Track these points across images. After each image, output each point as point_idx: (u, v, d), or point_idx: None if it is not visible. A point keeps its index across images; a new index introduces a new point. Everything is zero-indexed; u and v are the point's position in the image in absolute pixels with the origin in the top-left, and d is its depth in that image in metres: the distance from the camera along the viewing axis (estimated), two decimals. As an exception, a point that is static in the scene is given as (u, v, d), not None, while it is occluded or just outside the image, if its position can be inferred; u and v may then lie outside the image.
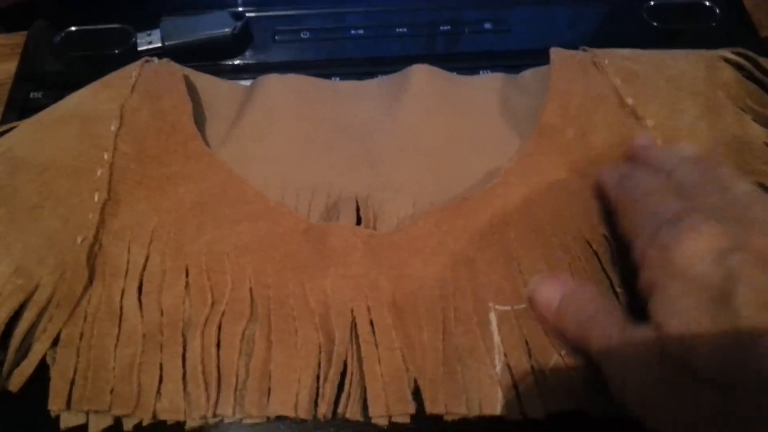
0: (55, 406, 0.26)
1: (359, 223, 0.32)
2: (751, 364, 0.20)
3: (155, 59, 0.36)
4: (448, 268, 0.30)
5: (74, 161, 0.32)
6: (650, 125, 0.34)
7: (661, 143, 0.33)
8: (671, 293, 0.23)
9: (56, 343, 0.28)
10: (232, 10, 0.42)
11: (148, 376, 0.27)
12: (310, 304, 0.28)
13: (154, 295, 0.29)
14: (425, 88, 0.37)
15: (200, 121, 0.35)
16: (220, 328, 0.28)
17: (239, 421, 0.26)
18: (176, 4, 0.43)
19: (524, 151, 0.33)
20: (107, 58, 0.40)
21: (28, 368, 0.27)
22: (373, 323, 0.28)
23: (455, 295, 0.29)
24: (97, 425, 0.26)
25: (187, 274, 0.29)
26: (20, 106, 0.38)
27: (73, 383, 0.26)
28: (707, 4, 0.44)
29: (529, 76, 0.38)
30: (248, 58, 0.41)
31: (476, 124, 0.36)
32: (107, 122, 0.33)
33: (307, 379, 0.27)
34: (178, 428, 0.26)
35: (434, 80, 0.37)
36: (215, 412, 0.26)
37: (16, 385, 0.27)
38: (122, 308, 0.28)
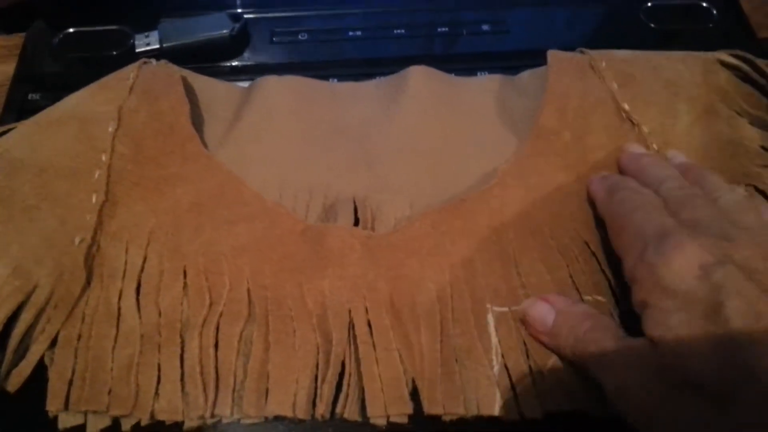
0: (53, 406, 0.26)
1: (357, 224, 0.32)
2: (746, 372, 0.20)
3: (153, 61, 0.36)
4: (445, 269, 0.30)
5: (72, 162, 0.32)
6: (646, 131, 0.34)
7: (656, 148, 0.33)
8: (663, 309, 0.23)
9: (54, 344, 0.28)
10: (230, 11, 0.42)
11: (146, 376, 0.27)
12: (307, 305, 0.28)
13: (151, 296, 0.29)
14: (423, 89, 0.37)
15: (198, 122, 0.35)
16: (217, 328, 0.28)
17: (237, 421, 0.26)
18: (174, 5, 0.43)
19: (521, 152, 0.33)
20: (105, 59, 0.41)
21: (26, 369, 0.27)
22: (370, 324, 0.28)
23: (453, 296, 0.29)
24: (95, 426, 0.26)
25: (184, 275, 0.29)
26: (18, 107, 0.38)
27: (71, 384, 0.26)
28: (704, 5, 0.44)
29: (526, 77, 0.38)
30: (246, 59, 0.41)
31: (474, 125, 0.36)
32: (105, 124, 0.33)
33: (305, 379, 0.27)
34: (176, 429, 0.26)
35: (432, 81, 0.37)
36: (213, 412, 0.26)
37: (14, 385, 0.27)
38: (120, 309, 0.28)
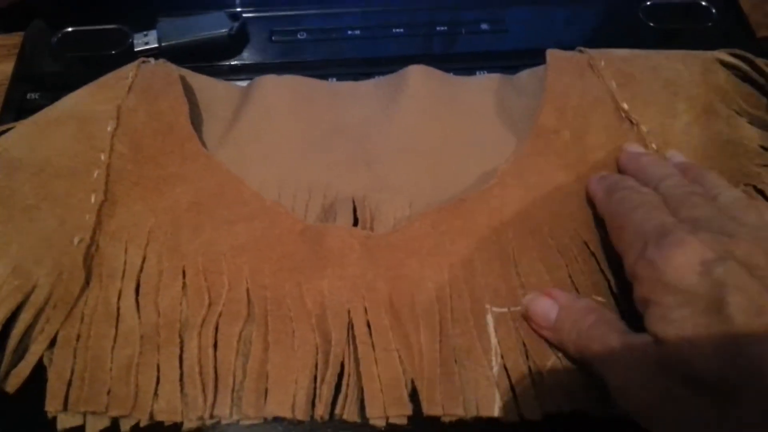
0: (52, 407, 0.26)
1: (356, 223, 0.32)
2: (749, 369, 0.20)
3: (152, 60, 0.36)
4: (444, 269, 0.30)
5: (71, 162, 0.32)
6: (645, 131, 0.34)
7: (655, 148, 0.33)
8: (665, 306, 0.23)
9: (53, 344, 0.27)
10: (228, 10, 0.42)
11: (145, 377, 0.27)
12: (307, 305, 0.28)
13: (151, 296, 0.29)
14: (422, 88, 0.37)
15: (197, 121, 0.35)
16: (217, 328, 0.28)
17: (236, 422, 0.26)
18: (173, 4, 0.43)
19: (521, 152, 0.33)
20: (104, 58, 0.40)
21: (25, 369, 0.27)
22: (370, 324, 0.28)
23: (452, 296, 0.29)
24: (94, 426, 0.26)
25: (183, 275, 0.29)
26: (17, 106, 0.38)
27: (70, 384, 0.26)
28: (704, 4, 0.44)
29: (525, 76, 0.38)
30: (245, 58, 0.41)
31: (473, 124, 0.36)
32: (104, 123, 0.33)
33: (304, 380, 0.27)
34: (175, 429, 0.26)
35: (431, 81, 0.37)
36: (212, 413, 0.26)
37: (13, 386, 0.27)
38: (119, 309, 0.28)
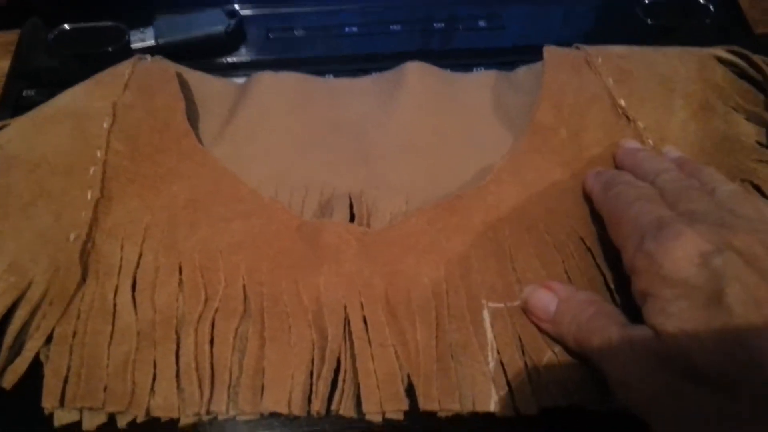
0: (48, 403, 0.26)
1: (353, 220, 0.32)
2: (749, 362, 0.20)
3: (148, 57, 0.36)
4: (441, 265, 0.30)
5: (67, 159, 0.32)
6: (642, 127, 0.34)
7: (652, 144, 0.33)
8: (664, 298, 0.23)
9: (50, 340, 0.27)
10: (226, 7, 0.42)
11: (141, 373, 0.27)
12: (303, 301, 0.28)
13: (147, 292, 0.29)
14: (419, 85, 0.37)
15: (193, 118, 0.35)
16: (213, 325, 0.28)
17: (233, 417, 0.26)
18: (170, 2, 0.43)
19: (517, 148, 0.33)
20: (101, 55, 0.40)
21: (21, 366, 0.27)
22: (366, 320, 0.28)
23: (448, 292, 0.29)
24: (90, 422, 0.26)
25: (180, 271, 0.29)
26: (13, 103, 0.38)
27: (66, 381, 0.26)
28: (701, 1, 0.44)
29: (522, 73, 0.38)
30: (242, 55, 0.41)
31: (470, 121, 0.36)
32: (100, 120, 0.33)
33: (300, 375, 0.27)
34: (171, 425, 0.26)
35: (428, 77, 0.37)
36: (209, 408, 0.26)
37: (9, 382, 0.27)
38: (116, 306, 0.28)
